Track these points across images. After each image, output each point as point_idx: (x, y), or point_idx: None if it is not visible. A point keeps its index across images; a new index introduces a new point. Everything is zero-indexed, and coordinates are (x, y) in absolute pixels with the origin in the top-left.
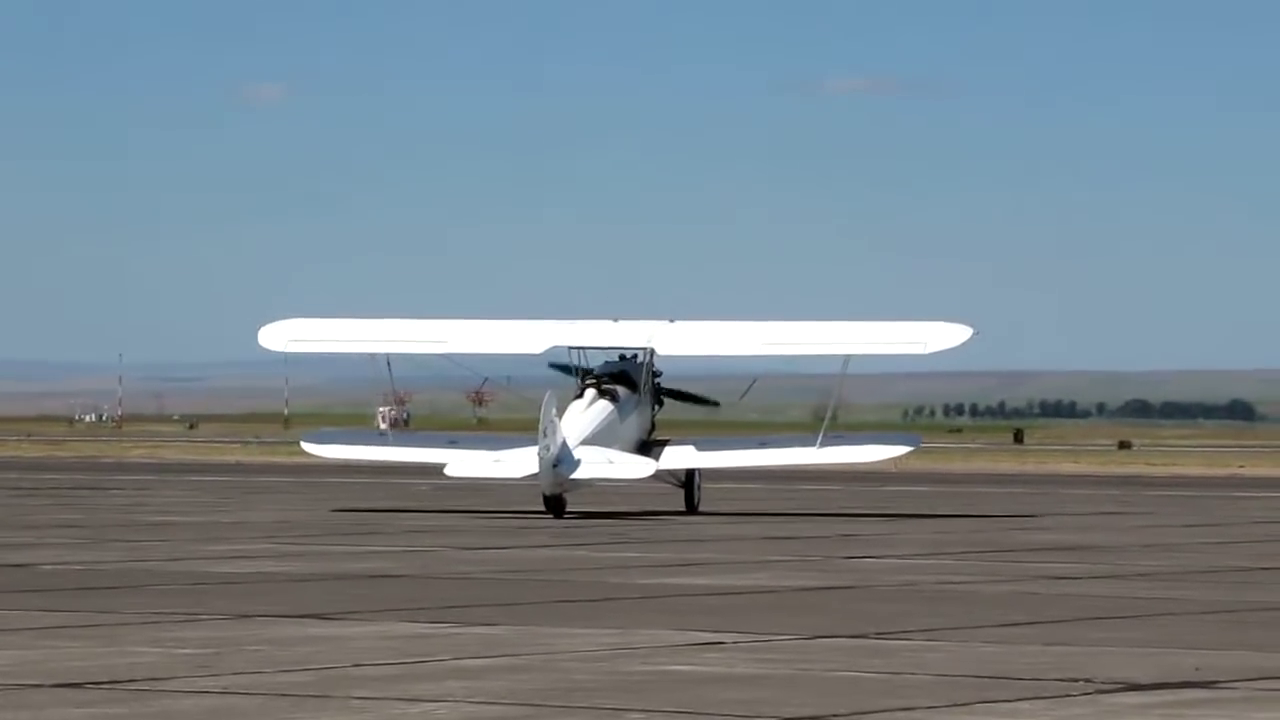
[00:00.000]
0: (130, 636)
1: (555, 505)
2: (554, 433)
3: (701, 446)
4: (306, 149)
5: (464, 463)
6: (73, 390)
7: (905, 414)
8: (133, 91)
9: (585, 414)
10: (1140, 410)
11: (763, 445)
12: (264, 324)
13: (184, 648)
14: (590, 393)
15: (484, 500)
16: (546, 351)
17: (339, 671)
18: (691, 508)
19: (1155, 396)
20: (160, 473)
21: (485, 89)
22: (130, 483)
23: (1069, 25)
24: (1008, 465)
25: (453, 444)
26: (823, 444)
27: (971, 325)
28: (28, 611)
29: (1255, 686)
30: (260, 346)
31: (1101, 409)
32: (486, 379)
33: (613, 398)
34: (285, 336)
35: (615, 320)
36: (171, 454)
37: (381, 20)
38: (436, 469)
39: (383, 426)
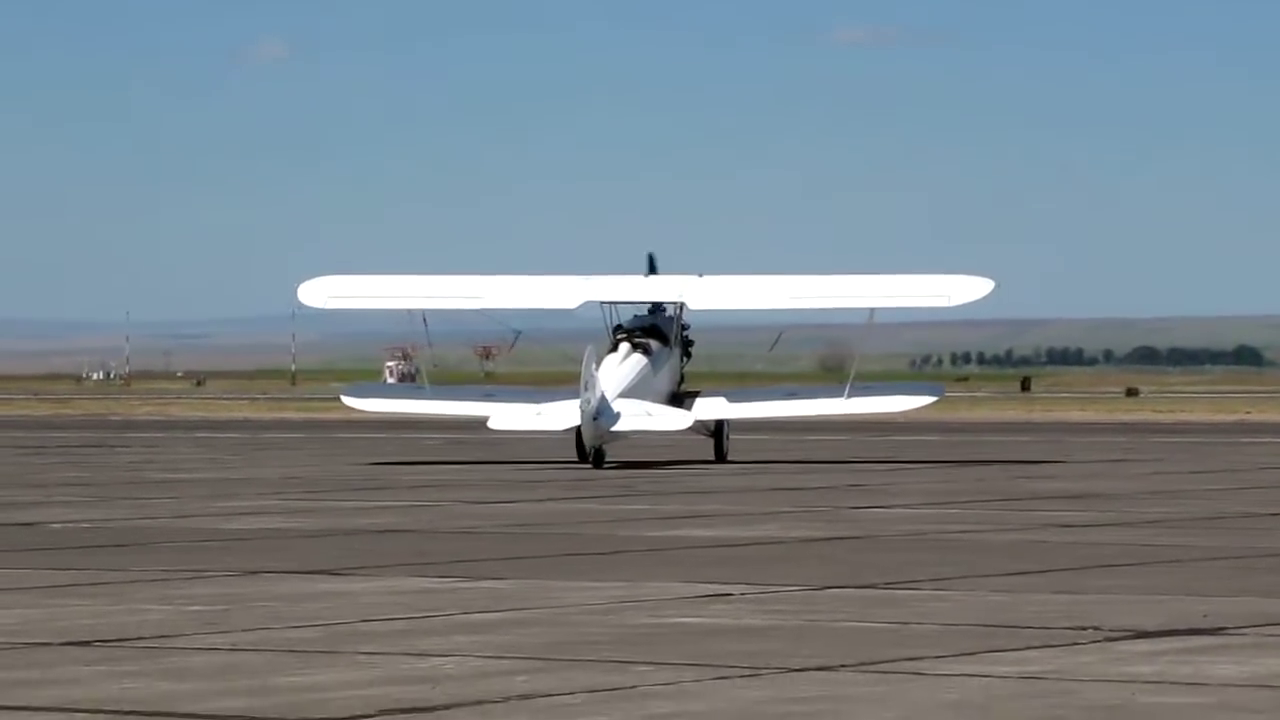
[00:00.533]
0: (138, 594)
1: (596, 456)
2: (594, 386)
3: (733, 398)
4: (314, 106)
5: (507, 416)
6: (80, 348)
7: (912, 363)
8: (138, 48)
9: (621, 367)
10: (1148, 357)
11: (791, 396)
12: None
13: (192, 605)
14: (624, 346)
15: (500, 453)
16: (580, 306)
17: (347, 627)
18: (721, 457)
19: (1162, 343)
20: (168, 430)
21: (502, 44)
22: (138, 440)
23: None
24: (1015, 413)
25: (489, 396)
26: (850, 394)
27: (990, 277)
28: (35, 570)
29: (1263, 632)
30: (299, 302)
31: (1109, 356)
32: (520, 332)
33: (645, 351)
34: (325, 293)
35: (645, 275)
36: (179, 411)
37: None
38: (479, 422)
39: (390, 380)
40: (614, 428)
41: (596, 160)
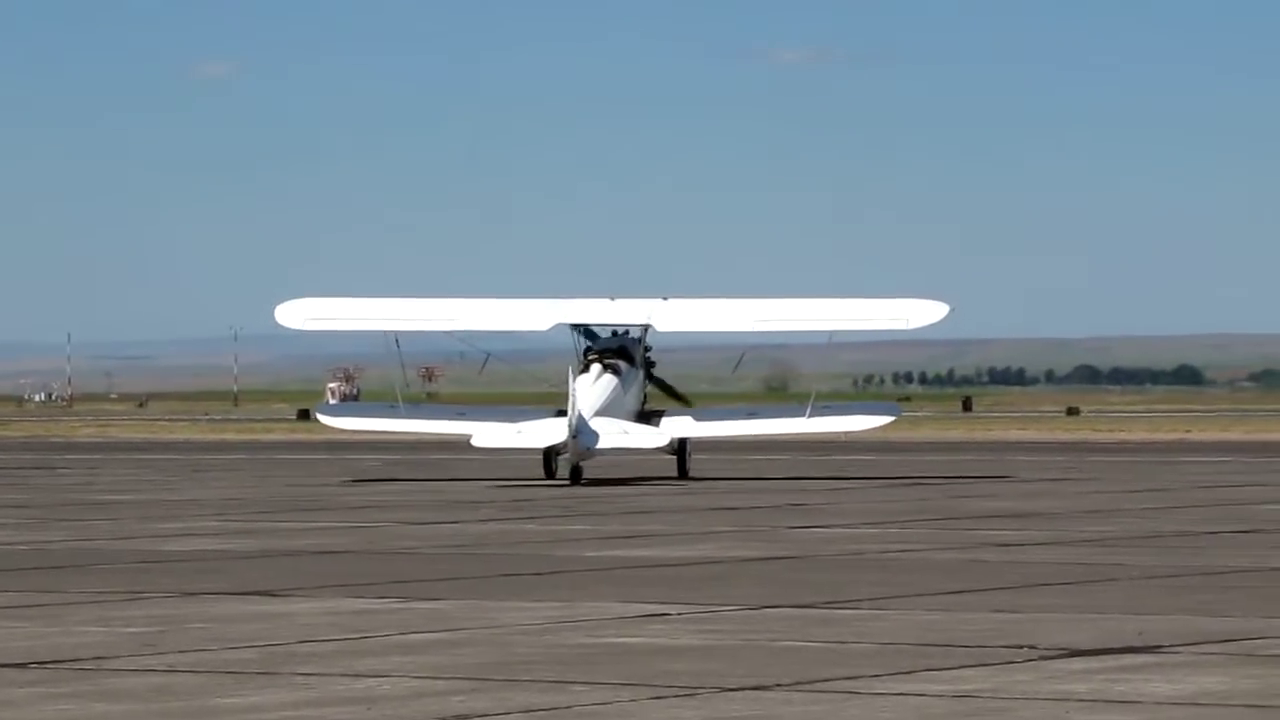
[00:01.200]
0: (75, 616)
1: (574, 473)
2: (572, 405)
3: (698, 417)
4: (262, 125)
5: (489, 434)
6: (22, 370)
7: (855, 383)
8: (84, 62)
9: (594, 387)
10: (1089, 377)
11: (752, 415)
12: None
13: (129, 626)
14: (596, 367)
15: (450, 471)
16: (552, 328)
17: (283, 648)
18: (684, 474)
19: (1103, 363)
20: (109, 451)
21: (458, 67)
22: (79, 462)
23: None
24: (956, 433)
25: (460, 415)
26: (811, 414)
27: (938, 298)
28: None
29: (1196, 650)
30: (276, 323)
31: (1050, 376)
32: (489, 355)
33: (615, 371)
34: (303, 315)
35: (613, 299)
36: (121, 432)
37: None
38: (455, 440)
39: (332, 401)
40: (595, 446)
41: (560, 183)
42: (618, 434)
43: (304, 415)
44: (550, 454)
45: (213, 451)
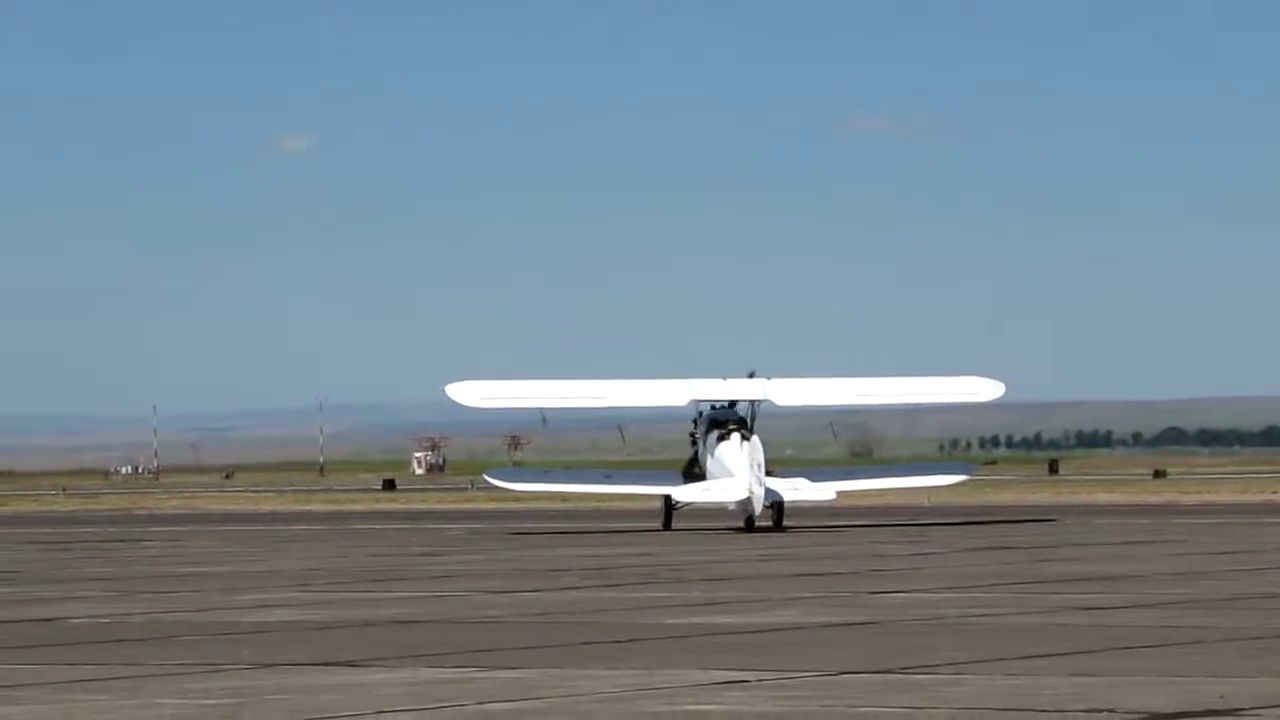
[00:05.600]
0: (154, 688)
1: (748, 522)
2: (741, 466)
3: (813, 477)
4: (333, 196)
5: (685, 493)
6: (109, 443)
7: (941, 447)
8: (165, 136)
9: (749, 451)
10: (1176, 438)
11: (849, 476)
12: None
13: (208, 698)
14: (736, 435)
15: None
16: (687, 404)
17: (360, 719)
18: (780, 526)
19: (1190, 424)
20: (194, 523)
21: (524, 146)
22: (163, 534)
23: (1085, 63)
24: (1042, 496)
25: (608, 479)
26: (901, 474)
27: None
28: (52, 665)
29: (1278, 714)
30: (451, 401)
31: (1137, 438)
32: (545, 419)
33: (747, 437)
34: (478, 395)
35: (724, 379)
36: (206, 504)
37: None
38: (652, 498)
39: (418, 471)
40: (783, 499)
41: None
42: (790, 489)
43: (389, 485)
44: (669, 504)
45: (297, 522)
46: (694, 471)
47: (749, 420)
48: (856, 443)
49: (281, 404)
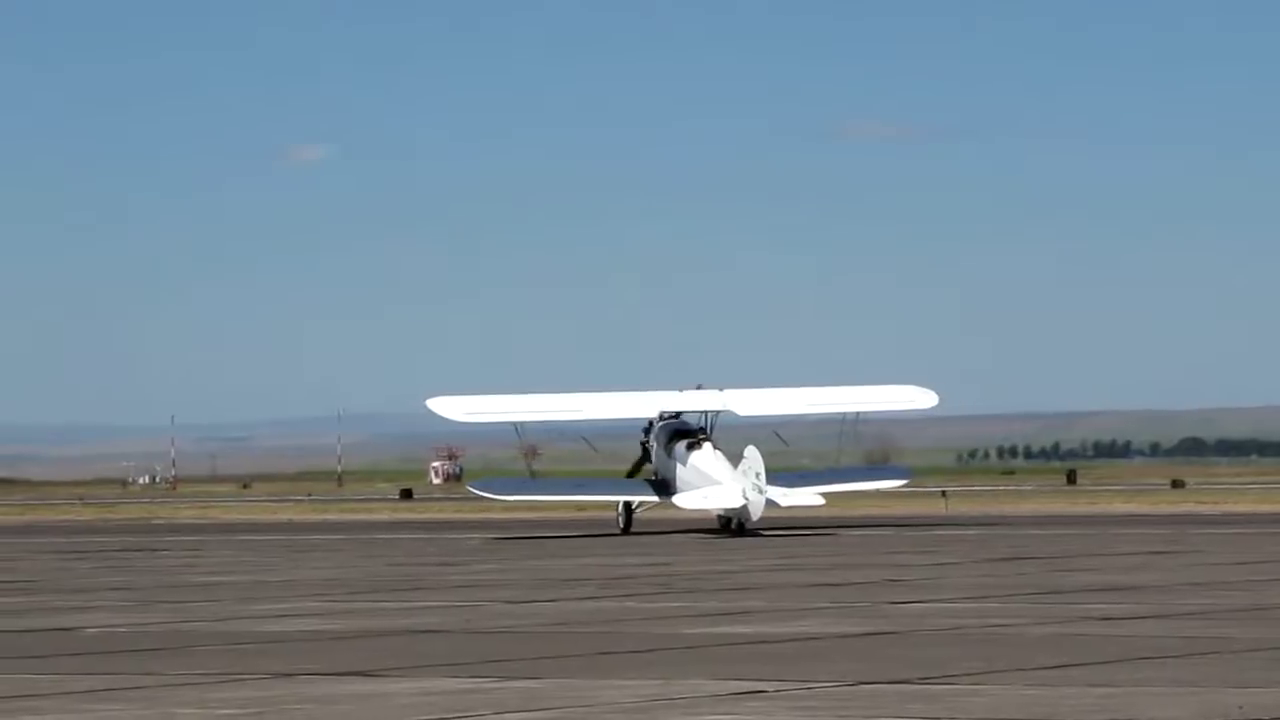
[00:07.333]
0: (172, 698)
1: (740, 527)
2: (725, 474)
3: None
4: (354, 208)
5: (687, 499)
6: (126, 453)
7: (959, 457)
8: (183, 148)
9: (721, 460)
10: (1194, 448)
11: (802, 480)
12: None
13: (226, 708)
14: (707, 445)
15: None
16: (658, 415)
17: None
18: (744, 531)
19: (1209, 434)
20: (212, 533)
21: (514, 149)
22: (180, 543)
23: (1100, 72)
24: (1060, 506)
25: (579, 488)
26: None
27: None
28: (69, 675)
29: None
30: (437, 415)
31: (1155, 448)
32: (536, 451)
33: (716, 446)
34: (462, 409)
35: (680, 390)
36: (224, 514)
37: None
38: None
39: (435, 481)
40: (781, 504)
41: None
42: (781, 495)
43: (407, 495)
44: (629, 509)
45: (315, 532)
46: (658, 480)
47: (709, 430)
48: (874, 452)
49: (299, 414)
